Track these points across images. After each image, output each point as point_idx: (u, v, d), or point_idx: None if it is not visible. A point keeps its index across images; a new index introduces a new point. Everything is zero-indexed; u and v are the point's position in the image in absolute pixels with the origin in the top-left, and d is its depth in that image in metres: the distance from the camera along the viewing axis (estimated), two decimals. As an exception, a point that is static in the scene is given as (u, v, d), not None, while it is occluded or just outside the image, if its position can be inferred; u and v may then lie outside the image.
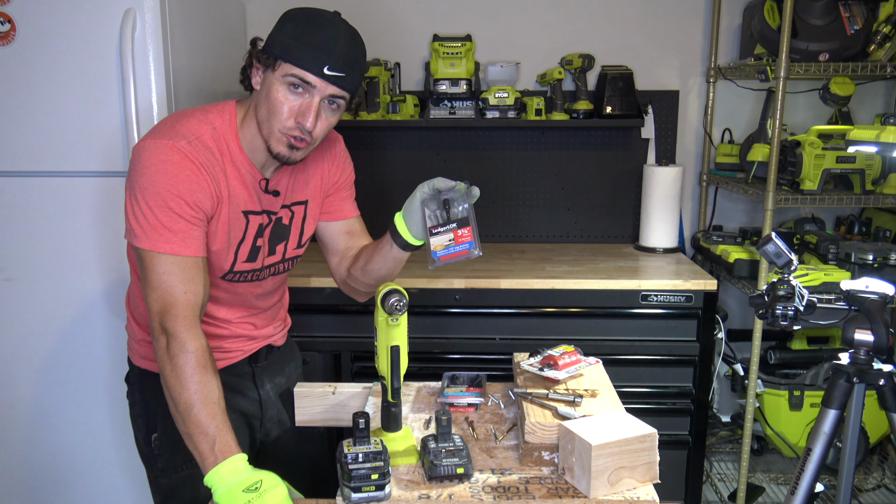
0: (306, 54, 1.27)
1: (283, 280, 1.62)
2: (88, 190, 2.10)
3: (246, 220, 1.41)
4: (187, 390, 1.21)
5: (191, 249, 1.30)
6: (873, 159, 2.32)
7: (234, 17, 2.69)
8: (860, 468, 2.65)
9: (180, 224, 1.28)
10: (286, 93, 1.30)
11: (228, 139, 1.37)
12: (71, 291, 2.15)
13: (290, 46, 1.28)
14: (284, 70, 1.29)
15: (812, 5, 2.29)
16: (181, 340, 1.24)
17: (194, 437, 1.19)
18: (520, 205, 2.95)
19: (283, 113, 1.31)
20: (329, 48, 1.28)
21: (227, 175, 1.36)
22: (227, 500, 1.14)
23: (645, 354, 2.39)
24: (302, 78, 1.28)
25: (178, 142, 1.29)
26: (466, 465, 1.21)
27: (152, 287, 1.28)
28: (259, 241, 1.46)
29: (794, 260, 1.56)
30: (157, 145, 1.29)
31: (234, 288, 1.49)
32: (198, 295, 1.29)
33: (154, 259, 1.27)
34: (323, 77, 1.28)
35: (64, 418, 2.23)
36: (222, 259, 1.41)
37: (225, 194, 1.36)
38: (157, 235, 1.27)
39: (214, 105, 1.40)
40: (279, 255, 1.52)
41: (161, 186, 1.27)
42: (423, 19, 2.82)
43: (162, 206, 1.27)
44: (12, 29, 2.01)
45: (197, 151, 1.31)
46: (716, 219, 2.90)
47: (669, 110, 2.85)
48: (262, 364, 1.61)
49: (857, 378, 1.57)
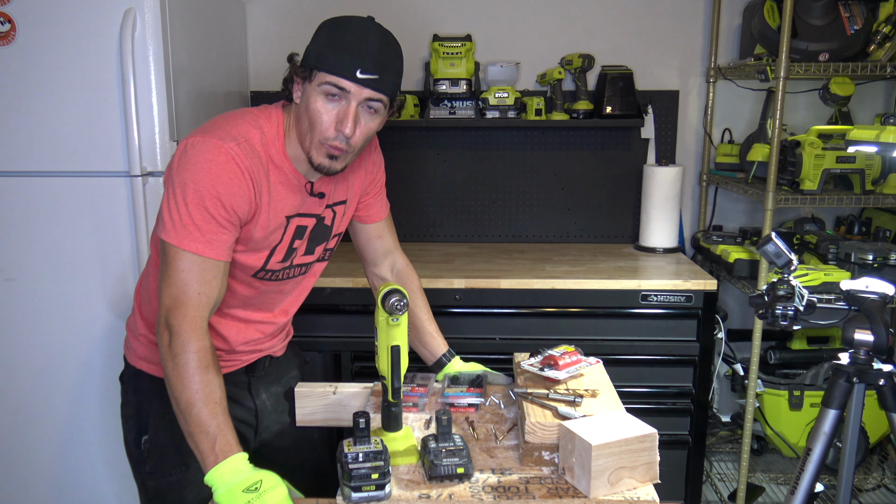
0: (338, 60, 1.28)
1: (308, 282, 1.60)
2: (88, 190, 2.10)
3: (286, 223, 1.42)
4: (189, 389, 1.21)
5: (216, 252, 1.30)
6: (873, 159, 2.32)
7: (234, 17, 2.69)
8: (860, 468, 2.65)
9: (211, 225, 1.28)
10: (324, 102, 1.30)
11: (276, 144, 1.37)
12: (71, 291, 2.15)
13: (323, 54, 1.29)
14: (320, 79, 1.29)
15: (812, 5, 2.29)
16: (184, 340, 1.24)
17: (195, 435, 1.19)
18: (520, 205, 2.95)
19: (322, 122, 1.31)
20: (360, 51, 1.28)
21: (271, 180, 1.36)
22: (226, 500, 1.14)
23: (645, 354, 2.39)
24: (336, 84, 1.28)
25: (227, 143, 1.29)
26: (466, 464, 1.22)
27: (168, 282, 1.28)
28: (297, 243, 1.46)
29: (794, 260, 1.56)
30: (206, 143, 1.29)
31: (263, 286, 1.48)
32: (210, 298, 1.29)
33: (177, 255, 1.27)
34: (356, 81, 1.28)
35: (64, 418, 2.23)
36: (255, 259, 1.41)
37: (265, 200, 1.36)
38: (186, 232, 1.27)
39: (263, 109, 1.40)
40: (317, 255, 1.53)
41: (202, 184, 1.27)
42: (423, 19, 2.82)
43: (198, 205, 1.27)
44: (12, 29, 2.01)
45: (245, 155, 1.31)
46: (716, 219, 2.90)
47: (669, 110, 2.86)
48: (259, 374, 1.60)
49: (857, 378, 1.57)
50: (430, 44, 2.71)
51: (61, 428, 2.24)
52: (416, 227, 2.95)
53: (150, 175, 2.09)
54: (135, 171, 2.04)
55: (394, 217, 1.77)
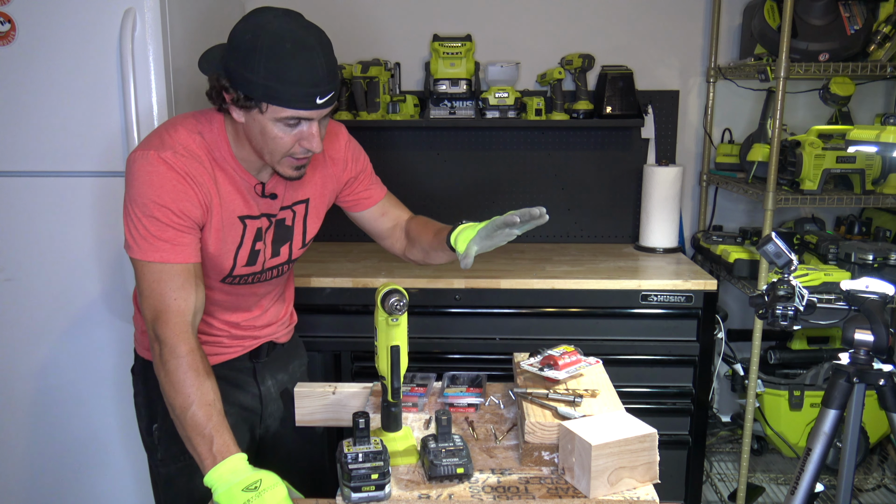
0: (292, 93, 1.23)
1: (286, 279, 1.63)
2: (88, 190, 2.10)
3: (243, 225, 1.42)
4: (181, 394, 1.23)
5: (180, 256, 1.31)
6: (873, 159, 2.32)
7: (234, 17, 2.68)
8: (860, 468, 2.65)
9: (168, 232, 1.30)
10: (283, 128, 1.28)
11: (219, 147, 1.37)
12: (71, 291, 2.15)
13: (272, 89, 1.22)
14: (275, 113, 1.26)
15: (812, 5, 2.29)
16: (171, 346, 1.25)
17: (192, 439, 1.21)
18: (520, 205, 2.91)
19: (285, 145, 1.30)
20: (312, 79, 1.23)
21: (218, 182, 1.36)
22: (226, 500, 1.14)
23: (645, 354, 2.39)
24: (296, 116, 1.27)
25: (163, 152, 1.30)
26: (466, 464, 1.22)
27: (144, 296, 1.30)
28: (259, 245, 1.46)
29: (794, 260, 1.56)
30: (143, 156, 1.31)
31: (235, 290, 1.49)
32: (188, 301, 1.30)
33: (144, 268, 1.30)
34: (316, 107, 1.26)
35: (63, 418, 2.23)
36: (220, 264, 1.42)
37: (216, 201, 1.36)
38: (147, 245, 1.29)
39: (203, 113, 1.39)
40: (284, 257, 1.53)
41: (146, 197, 1.29)
42: (423, 19, 2.82)
43: (148, 216, 1.29)
44: (12, 29, 2.01)
45: (182, 161, 1.31)
46: (716, 219, 2.90)
47: (669, 110, 2.85)
48: (264, 360, 1.62)
49: (857, 378, 1.57)
50: (430, 44, 2.71)
51: (61, 427, 2.24)
52: (416, 227, 2.94)
53: (150, 175, 2.09)
54: (135, 171, 2.04)
55: (394, 217, 1.76)
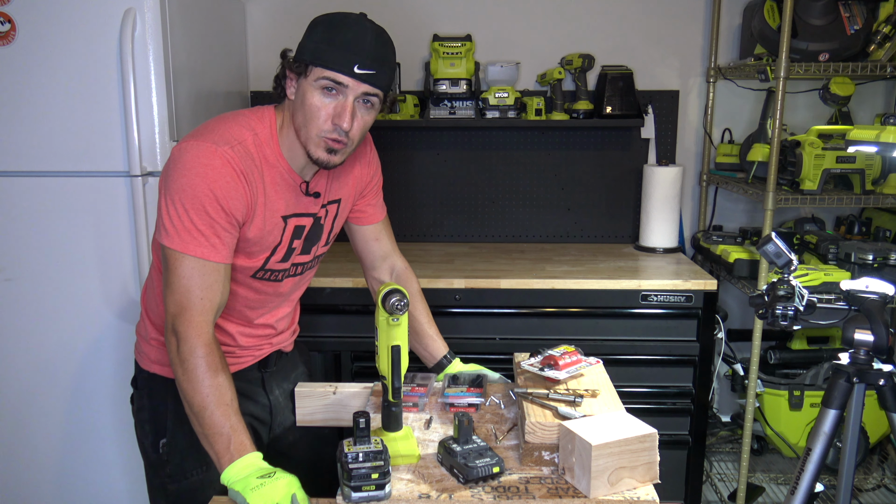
0: (336, 56, 1.29)
1: (307, 280, 1.62)
2: (88, 190, 2.09)
3: (284, 223, 1.42)
4: (200, 393, 1.23)
5: (218, 255, 1.31)
6: (873, 159, 2.32)
7: (234, 17, 2.69)
8: (860, 468, 2.65)
9: (212, 228, 1.29)
10: (321, 97, 1.31)
11: (270, 145, 1.38)
12: (71, 291, 2.15)
13: (319, 50, 1.30)
14: (317, 74, 1.30)
15: (812, 5, 2.29)
16: (191, 345, 1.26)
17: (210, 437, 1.22)
18: (520, 205, 2.95)
19: (319, 117, 1.32)
20: (357, 47, 1.29)
21: (266, 181, 1.37)
22: (241, 486, 1.16)
23: (645, 354, 2.39)
24: (334, 79, 1.29)
25: (221, 146, 1.30)
26: (500, 463, 1.23)
27: (172, 289, 1.29)
28: (296, 243, 1.47)
29: (794, 260, 1.56)
30: (199, 148, 1.30)
31: (262, 287, 1.49)
32: (213, 302, 1.30)
33: (179, 260, 1.29)
34: (354, 76, 1.29)
35: (63, 418, 2.23)
36: (255, 260, 1.42)
37: (261, 200, 1.37)
38: (189, 237, 1.28)
39: (254, 110, 1.41)
40: (311, 254, 1.54)
41: (200, 189, 1.28)
42: (423, 19, 2.82)
43: (198, 209, 1.28)
44: (12, 29, 2.01)
45: (239, 157, 1.32)
46: (716, 219, 2.90)
47: (669, 110, 2.85)
48: (272, 370, 1.62)
49: (857, 378, 1.57)
50: (430, 44, 2.71)
51: (61, 427, 2.24)
52: (416, 227, 2.95)
53: (150, 175, 2.09)
54: (135, 171, 2.04)
55: (394, 217, 1.77)
